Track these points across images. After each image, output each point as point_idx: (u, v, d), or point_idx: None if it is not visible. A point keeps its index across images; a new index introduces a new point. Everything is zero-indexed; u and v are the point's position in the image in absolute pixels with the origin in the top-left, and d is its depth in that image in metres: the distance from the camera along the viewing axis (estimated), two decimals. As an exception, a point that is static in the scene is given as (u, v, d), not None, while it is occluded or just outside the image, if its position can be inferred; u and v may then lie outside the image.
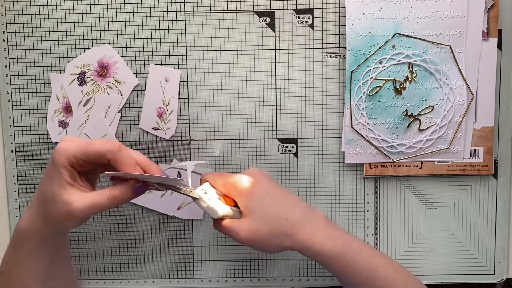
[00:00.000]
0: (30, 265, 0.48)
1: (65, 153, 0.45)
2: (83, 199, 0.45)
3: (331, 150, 0.60)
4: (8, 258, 0.50)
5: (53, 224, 0.47)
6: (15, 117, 0.60)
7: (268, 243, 0.48)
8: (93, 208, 0.45)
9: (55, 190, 0.45)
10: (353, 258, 0.49)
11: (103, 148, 0.45)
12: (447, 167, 0.59)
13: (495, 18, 0.57)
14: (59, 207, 0.45)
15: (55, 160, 0.45)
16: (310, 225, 0.49)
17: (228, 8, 0.58)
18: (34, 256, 0.48)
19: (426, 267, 0.62)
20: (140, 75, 0.59)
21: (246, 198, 0.49)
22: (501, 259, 0.61)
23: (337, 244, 0.49)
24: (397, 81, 0.57)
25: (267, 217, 0.48)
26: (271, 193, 0.50)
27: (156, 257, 0.62)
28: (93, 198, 0.45)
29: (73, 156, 0.45)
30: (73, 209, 0.45)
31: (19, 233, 0.48)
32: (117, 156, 0.45)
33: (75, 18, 0.59)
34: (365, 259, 0.49)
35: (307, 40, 0.58)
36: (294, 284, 0.62)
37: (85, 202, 0.45)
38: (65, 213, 0.45)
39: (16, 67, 0.60)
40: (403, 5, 0.56)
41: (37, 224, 0.47)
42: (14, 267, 0.49)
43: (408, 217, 0.61)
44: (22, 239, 0.48)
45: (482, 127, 0.58)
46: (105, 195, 0.46)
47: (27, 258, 0.48)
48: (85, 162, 0.46)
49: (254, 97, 0.59)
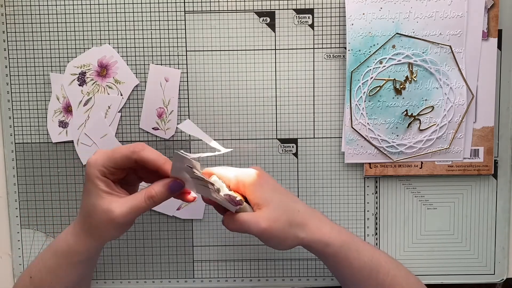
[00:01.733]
0: (66, 276, 0.50)
1: (95, 165, 0.47)
2: (122, 205, 0.46)
3: (331, 150, 0.60)
4: (44, 265, 0.50)
5: (98, 237, 0.48)
6: (15, 117, 0.60)
7: (285, 234, 0.48)
8: (133, 211, 0.47)
9: (94, 202, 0.47)
10: (357, 249, 0.50)
11: (127, 151, 0.47)
12: (447, 167, 0.59)
13: (495, 18, 0.57)
14: (101, 216, 0.46)
15: (89, 173, 0.47)
16: (316, 218, 0.50)
17: (228, 8, 0.58)
18: (73, 270, 0.50)
19: (426, 267, 0.62)
20: (140, 75, 0.59)
21: (259, 189, 0.49)
22: (501, 259, 0.61)
23: (342, 234, 0.50)
24: (397, 81, 0.57)
25: (283, 207, 0.49)
26: (278, 187, 0.51)
27: (156, 257, 0.62)
28: (131, 202, 0.47)
29: (103, 166, 0.47)
30: (114, 216, 0.46)
31: (67, 251, 0.49)
32: (142, 155, 0.47)
33: (75, 18, 0.59)
34: (367, 252, 0.50)
35: (307, 40, 0.58)
36: (294, 284, 0.62)
37: (125, 207, 0.46)
38: (107, 221, 0.46)
39: (16, 67, 0.60)
40: (403, 5, 0.56)
41: (84, 243, 0.48)
42: (49, 275, 0.50)
43: (408, 217, 0.61)
44: (69, 253, 0.49)
45: (482, 127, 0.58)
46: (142, 196, 0.47)
47: (67, 270, 0.50)
48: (115, 169, 0.47)
49: (254, 97, 0.59)
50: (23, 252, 0.62)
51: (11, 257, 0.62)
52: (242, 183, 0.49)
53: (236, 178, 0.50)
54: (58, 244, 0.50)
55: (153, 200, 0.47)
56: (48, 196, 0.61)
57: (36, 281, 0.50)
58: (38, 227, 0.62)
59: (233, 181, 0.50)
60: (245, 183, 0.49)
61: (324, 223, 0.50)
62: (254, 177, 0.49)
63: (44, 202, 0.61)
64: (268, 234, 0.48)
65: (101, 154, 0.47)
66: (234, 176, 0.50)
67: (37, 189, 0.61)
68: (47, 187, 0.61)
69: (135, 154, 0.47)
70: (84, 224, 0.48)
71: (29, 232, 0.62)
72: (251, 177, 0.49)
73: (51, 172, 0.61)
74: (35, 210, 0.62)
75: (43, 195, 0.61)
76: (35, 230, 0.62)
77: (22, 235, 0.62)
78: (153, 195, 0.47)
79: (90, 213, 0.47)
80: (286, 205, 0.49)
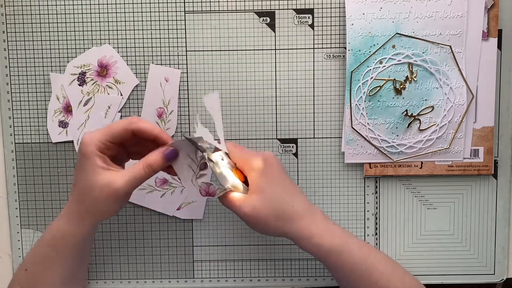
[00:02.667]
0: (61, 267, 0.50)
1: (92, 141, 0.47)
2: (122, 177, 0.47)
3: (331, 150, 0.60)
4: (38, 257, 0.50)
5: (95, 214, 0.48)
6: (15, 117, 0.60)
7: (268, 224, 0.49)
8: (133, 181, 0.47)
9: (92, 178, 0.47)
10: (349, 253, 0.49)
11: (124, 123, 0.48)
12: (447, 167, 0.59)
13: (495, 18, 0.57)
14: (102, 191, 0.47)
15: (85, 151, 0.47)
16: (311, 217, 0.50)
17: (228, 8, 0.58)
18: (69, 258, 0.50)
19: (426, 267, 0.62)
20: (140, 75, 0.59)
21: (259, 175, 0.49)
22: (501, 259, 0.61)
23: (335, 238, 0.49)
24: (397, 81, 0.57)
25: (275, 199, 0.49)
26: (282, 178, 0.51)
27: (156, 257, 0.62)
28: (131, 173, 0.48)
29: (100, 141, 0.47)
30: (116, 188, 0.47)
31: (61, 235, 0.49)
32: (140, 125, 0.48)
33: (75, 18, 0.59)
34: (361, 254, 0.50)
35: (307, 40, 0.58)
36: (294, 284, 0.62)
37: (125, 179, 0.47)
38: (109, 194, 0.47)
39: (16, 67, 0.60)
40: (403, 5, 0.56)
41: (80, 224, 0.49)
42: (44, 266, 0.50)
43: (408, 217, 0.61)
44: (63, 238, 0.49)
45: (482, 127, 0.58)
46: (140, 166, 0.48)
47: (62, 259, 0.50)
48: (112, 144, 0.48)
49: (254, 97, 0.59)
50: (23, 252, 0.62)
51: (11, 257, 0.62)
52: (247, 165, 0.50)
53: (242, 157, 0.51)
54: (51, 233, 0.50)
55: (152, 168, 0.48)
56: (48, 196, 0.61)
57: (32, 274, 0.50)
58: (38, 227, 0.62)
59: (240, 161, 0.51)
60: (249, 167, 0.50)
61: (317, 223, 0.50)
62: (259, 163, 0.50)
63: (44, 202, 0.61)
64: (248, 219, 0.49)
65: (96, 131, 0.48)
66: (241, 155, 0.51)
67: (37, 189, 0.61)
68: (47, 187, 0.61)
69: (133, 124, 0.48)
70: (79, 204, 0.48)
71: (29, 232, 0.62)
72: (256, 162, 0.50)
73: (51, 172, 0.61)
74: (35, 210, 0.62)
75: (43, 195, 0.61)
76: (35, 230, 0.62)
77: (22, 235, 0.62)
78: (151, 163, 0.48)
79: (88, 190, 0.47)
80: (278, 197, 0.49)
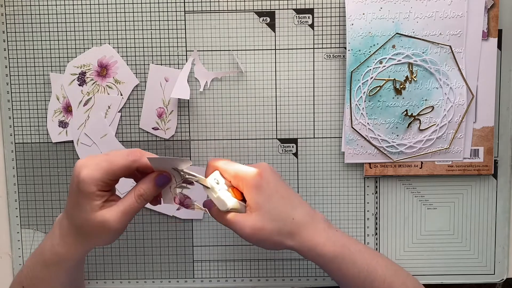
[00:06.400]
0: (59, 285, 0.50)
1: (92, 181, 0.45)
2: (116, 212, 0.46)
3: (331, 150, 0.60)
4: (35, 276, 0.50)
5: (90, 244, 0.48)
6: (15, 117, 0.60)
7: (270, 241, 0.48)
8: (127, 215, 0.46)
9: (87, 217, 0.45)
10: (352, 260, 0.49)
11: (126, 161, 0.46)
12: (447, 167, 0.59)
13: (495, 18, 0.57)
14: (96, 229, 0.46)
15: (84, 189, 0.45)
16: (313, 226, 0.49)
17: (228, 8, 0.58)
18: (65, 276, 0.50)
19: (426, 267, 0.62)
20: (140, 75, 0.59)
21: (256, 192, 0.48)
22: (501, 259, 0.61)
23: (337, 246, 0.49)
24: (397, 81, 0.57)
25: (274, 214, 0.48)
26: (279, 190, 0.49)
27: (156, 257, 0.62)
28: (123, 206, 0.46)
29: (101, 181, 0.45)
30: (110, 226, 0.45)
31: (57, 257, 0.48)
32: (144, 160, 0.46)
33: (75, 18, 0.59)
34: (364, 260, 0.49)
35: (307, 40, 0.58)
36: (294, 284, 0.62)
37: (118, 214, 0.46)
38: (104, 231, 0.46)
39: (16, 67, 0.60)
40: (403, 5, 0.56)
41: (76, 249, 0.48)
42: (41, 284, 0.50)
43: (408, 217, 0.61)
44: (59, 262, 0.48)
45: (482, 127, 0.58)
46: (132, 197, 0.47)
47: (60, 277, 0.50)
48: (114, 181, 0.46)
49: (254, 97, 0.59)
50: (23, 252, 0.62)
51: (11, 257, 0.62)
52: (241, 181, 0.49)
53: (236, 175, 0.49)
54: (46, 257, 0.49)
55: (144, 198, 0.47)
56: (48, 196, 0.61)
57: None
58: (38, 227, 0.62)
59: (234, 179, 0.49)
60: (243, 182, 0.48)
61: (320, 232, 0.49)
62: (254, 177, 0.48)
63: (44, 202, 0.61)
64: (251, 239, 0.48)
65: (95, 167, 0.45)
66: (235, 173, 0.49)
67: (37, 189, 0.61)
68: (47, 187, 0.61)
69: (136, 163, 0.46)
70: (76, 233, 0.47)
71: (29, 232, 0.62)
72: (251, 177, 0.48)
73: (51, 172, 0.61)
74: (35, 210, 0.62)
75: (43, 195, 0.61)
76: (35, 230, 0.62)
77: (22, 235, 0.62)
78: (142, 193, 0.47)
79: (82, 227, 0.46)
80: (278, 212, 0.48)
